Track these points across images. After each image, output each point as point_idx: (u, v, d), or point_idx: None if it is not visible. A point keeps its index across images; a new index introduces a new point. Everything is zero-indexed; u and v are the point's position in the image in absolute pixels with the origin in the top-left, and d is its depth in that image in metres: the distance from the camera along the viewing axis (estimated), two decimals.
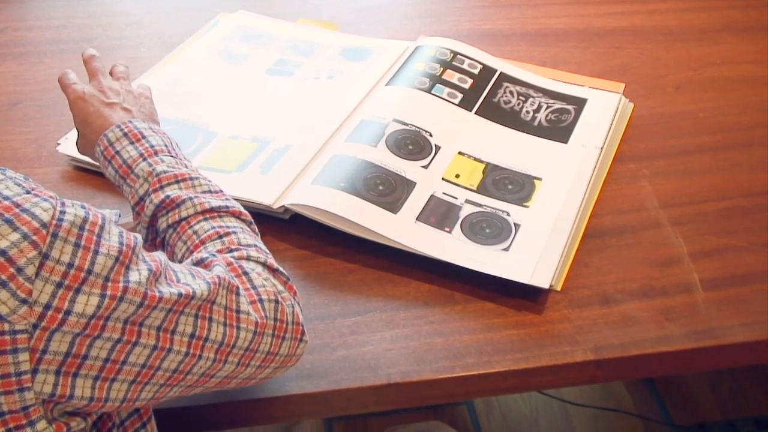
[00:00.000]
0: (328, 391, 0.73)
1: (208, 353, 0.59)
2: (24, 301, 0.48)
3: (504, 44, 1.21)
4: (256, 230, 0.73)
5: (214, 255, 0.64)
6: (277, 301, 0.63)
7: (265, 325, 0.62)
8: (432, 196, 0.89)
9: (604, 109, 1.03)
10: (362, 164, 0.90)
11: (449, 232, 0.85)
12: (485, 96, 1.03)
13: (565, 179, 0.92)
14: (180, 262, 0.68)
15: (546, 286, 0.79)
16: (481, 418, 1.46)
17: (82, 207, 0.53)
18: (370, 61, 1.10)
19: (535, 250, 0.83)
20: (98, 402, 0.54)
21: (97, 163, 0.78)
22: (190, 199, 0.69)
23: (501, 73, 1.07)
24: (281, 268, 0.68)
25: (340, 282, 0.83)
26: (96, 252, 0.51)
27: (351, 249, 0.86)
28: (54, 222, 0.50)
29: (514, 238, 0.85)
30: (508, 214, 0.87)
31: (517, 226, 0.86)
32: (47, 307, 0.49)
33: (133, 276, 0.53)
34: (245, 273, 0.64)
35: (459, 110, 1.00)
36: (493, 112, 1.01)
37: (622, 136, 1.02)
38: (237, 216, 0.71)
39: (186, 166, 0.73)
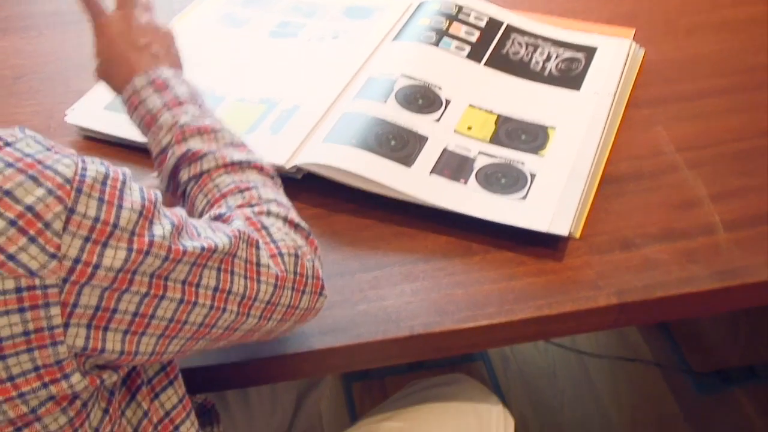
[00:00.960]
0: (351, 345, 0.73)
1: (231, 306, 0.58)
2: (53, 256, 0.48)
3: None
4: (279, 183, 0.72)
5: (232, 210, 0.64)
6: (297, 255, 0.63)
7: (285, 278, 0.62)
8: (445, 149, 0.88)
9: (615, 56, 1.01)
10: (373, 120, 0.88)
11: (464, 183, 0.84)
12: (493, 48, 1.02)
13: (579, 127, 0.91)
14: (200, 214, 0.68)
15: (565, 233, 0.78)
16: (498, 374, 1.46)
17: (102, 164, 0.52)
18: (374, 18, 1.08)
19: (553, 198, 0.82)
20: (128, 355, 0.54)
21: (115, 96, 0.77)
22: (212, 153, 0.69)
23: (508, 24, 1.06)
24: (302, 223, 0.67)
25: (356, 238, 0.83)
26: (120, 206, 0.51)
27: (366, 205, 0.85)
28: (77, 178, 0.49)
29: (530, 187, 0.84)
30: (523, 164, 0.86)
31: (532, 175, 0.85)
32: (76, 261, 0.49)
33: (157, 230, 0.52)
34: (265, 227, 0.63)
35: (468, 63, 0.99)
36: (503, 63, 1.00)
37: (635, 82, 1.01)
38: (259, 170, 0.70)
39: (210, 117, 0.72)
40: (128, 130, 0.92)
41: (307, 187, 0.87)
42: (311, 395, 0.96)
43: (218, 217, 0.64)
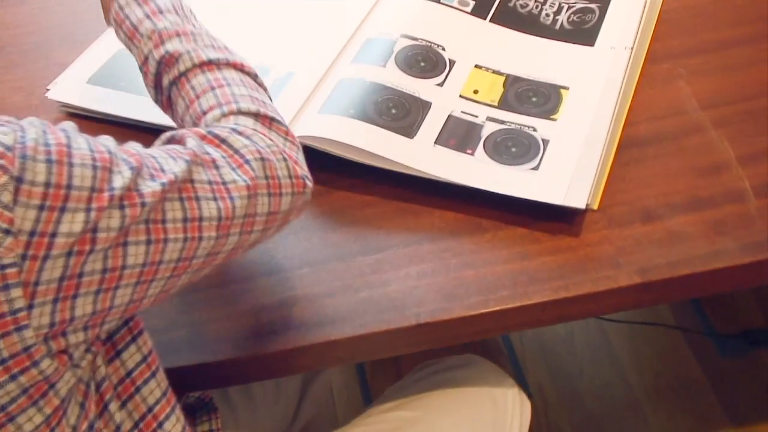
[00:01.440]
0: (353, 337, 0.68)
1: (208, 233, 0.55)
2: (7, 232, 0.44)
3: None
4: (262, 83, 0.68)
5: (191, 124, 0.60)
6: (263, 159, 0.58)
7: (257, 185, 0.58)
8: (450, 116, 0.81)
9: (631, 4, 0.94)
10: (372, 87, 0.82)
11: (471, 154, 0.78)
12: (499, 1, 0.94)
13: (595, 86, 0.84)
14: (181, 119, 0.65)
15: (582, 206, 0.72)
16: (514, 342, 1.42)
17: (42, 123, 0.49)
18: None
19: (567, 167, 0.76)
20: (102, 313, 0.50)
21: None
22: (188, 52, 0.65)
23: None
24: (279, 116, 0.63)
25: (357, 217, 0.77)
26: (71, 164, 0.47)
27: (367, 180, 0.79)
28: (18, 145, 0.45)
29: (543, 155, 0.78)
30: (535, 130, 0.80)
31: (545, 141, 0.79)
32: (32, 234, 0.45)
33: (117, 181, 0.49)
34: (223, 140, 0.59)
35: (472, 19, 0.92)
36: (510, 18, 0.93)
37: (653, 33, 0.93)
38: (237, 68, 0.66)
39: (191, 24, 0.68)
40: (112, 105, 0.87)
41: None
42: (317, 381, 0.92)
43: (170, 140, 0.59)
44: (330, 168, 0.80)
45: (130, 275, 0.51)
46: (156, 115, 0.83)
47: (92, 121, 0.88)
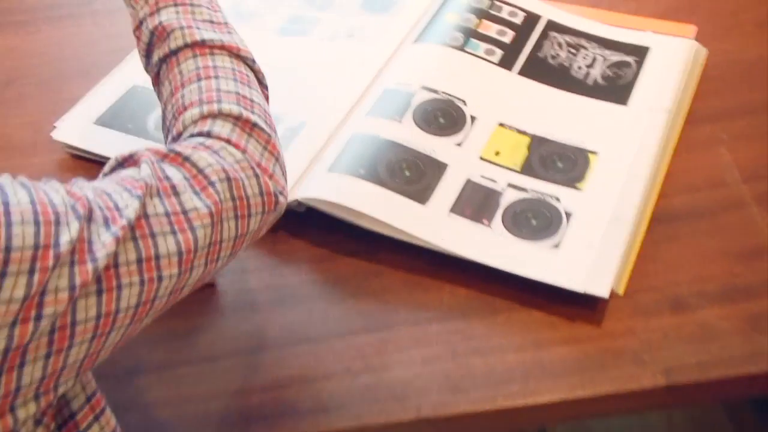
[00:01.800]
0: (347, 429, 0.63)
1: (168, 270, 0.50)
2: None
3: None
4: (258, 70, 0.64)
5: (141, 151, 0.54)
6: (229, 179, 0.54)
7: (222, 209, 0.53)
8: (468, 180, 0.76)
9: (672, 60, 0.87)
10: (385, 144, 0.77)
11: (488, 225, 0.72)
12: (530, 51, 0.88)
13: (627, 152, 0.78)
14: (164, 105, 0.61)
15: (605, 295, 0.66)
16: None
17: None
18: (395, 12, 0.96)
19: (592, 246, 0.70)
20: (53, 376, 0.46)
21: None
22: (182, 28, 0.61)
23: (548, 20, 0.92)
24: (262, 122, 0.58)
25: (362, 288, 0.72)
26: (8, 224, 0.42)
27: (375, 245, 0.74)
28: None
29: (565, 230, 0.72)
30: (558, 200, 0.74)
31: (568, 214, 0.73)
32: None
33: (64, 236, 0.44)
34: (187, 158, 0.54)
35: (498, 70, 0.86)
36: (539, 70, 0.87)
37: (695, 92, 0.87)
38: (232, 54, 0.62)
39: None
40: (117, 150, 0.83)
41: (310, 222, 0.76)
42: None
43: (126, 160, 0.54)
44: (336, 230, 0.75)
45: (84, 331, 0.46)
46: None
47: (97, 164, 0.84)
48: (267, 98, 0.65)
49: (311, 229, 0.76)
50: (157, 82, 0.64)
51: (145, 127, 0.85)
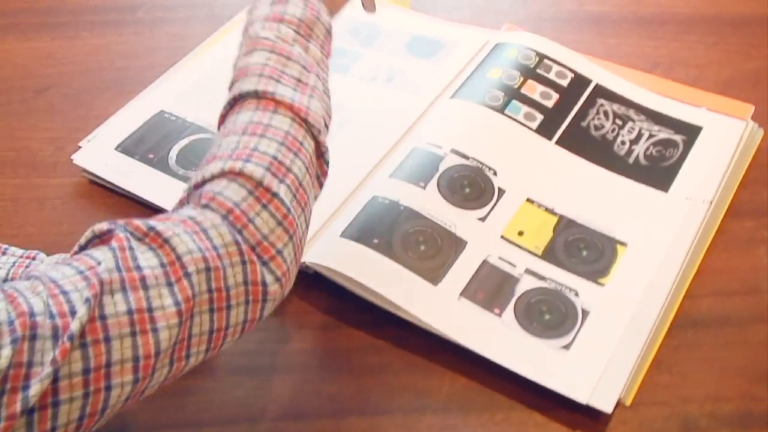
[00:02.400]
0: None
1: (120, 378, 0.46)
2: None
3: (610, 34, 0.99)
4: (323, 144, 0.59)
5: (120, 227, 0.50)
6: (209, 269, 0.49)
7: (194, 304, 0.49)
8: (485, 261, 0.73)
9: (723, 145, 0.82)
10: (405, 213, 0.74)
11: (499, 315, 0.69)
12: (572, 118, 0.84)
13: (658, 247, 0.74)
14: (211, 155, 0.55)
15: (608, 410, 0.63)
16: None
17: None
18: (439, 58, 0.92)
19: (603, 354, 0.66)
20: None
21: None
22: (261, 75, 0.58)
23: (597, 85, 0.87)
24: (285, 194, 0.53)
25: (361, 364, 0.70)
26: None
27: (381, 318, 0.71)
28: None
29: (579, 330, 0.68)
30: (577, 294, 0.71)
31: (585, 313, 0.69)
32: None
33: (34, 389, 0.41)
34: (166, 241, 0.49)
35: (536, 138, 0.82)
36: (579, 141, 0.82)
37: (742, 179, 0.82)
38: (300, 117, 0.57)
39: (305, 50, 0.61)
40: (134, 181, 0.82)
41: (319, 283, 0.74)
42: None
43: (102, 235, 0.50)
44: (345, 296, 0.72)
45: None
46: (172, 203, 0.78)
47: (112, 193, 0.83)
48: (325, 174, 0.61)
49: (319, 291, 0.74)
50: (219, 125, 0.60)
51: (166, 159, 0.83)
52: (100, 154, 0.85)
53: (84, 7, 1.08)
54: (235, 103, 0.58)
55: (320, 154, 0.60)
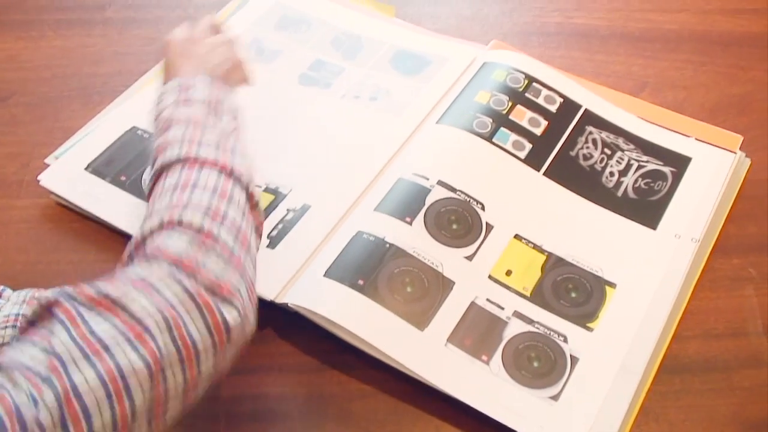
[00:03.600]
0: None
1: None
2: None
3: (597, 50, 0.97)
4: (254, 196, 0.60)
5: (65, 297, 0.49)
6: (168, 326, 0.48)
7: (161, 363, 0.48)
8: (473, 303, 0.71)
9: (712, 178, 0.81)
10: (391, 251, 0.72)
11: (487, 362, 0.68)
12: (561, 147, 0.82)
13: (647, 289, 0.73)
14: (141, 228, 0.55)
15: None
16: None
17: None
18: (425, 76, 0.89)
19: (593, 404, 0.65)
20: None
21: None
22: (181, 142, 0.60)
23: (586, 111, 0.85)
24: (227, 235, 0.54)
25: (346, 411, 0.68)
26: None
27: (366, 361, 0.69)
28: None
29: (568, 379, 0.67)
30: (566, 340, 0.69)
31: (574, 360, 0.68)
32: None
33: None
34: (116, 302, 0.48)
35: (524, 169, 0.80)
36: (568, 172, 0.80)
37: (729, 212, 0.81)
38: (226, 171, 0.58)
39: (215, 117, 0.64)
40: (105, 206, 0.78)
41: (300, 323, 0.71)
42: None
43: (50, 306, 0.49)
44: (327, 337, 0.70)
45: None
46: None
47: (82, 217, 0.79)
48: (261, 224, 0.61)
49: (300, 331, 0.71)
50: (149, 197, 0.60)
51: (139, 182, 0.80)
52: (68, 174, 0.80)
53: (49, 4, 1.02)
54: (160, 174, 0.59)
55: (253, 205, 0.60)
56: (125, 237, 0.77)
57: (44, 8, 1.01)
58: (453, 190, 0.77)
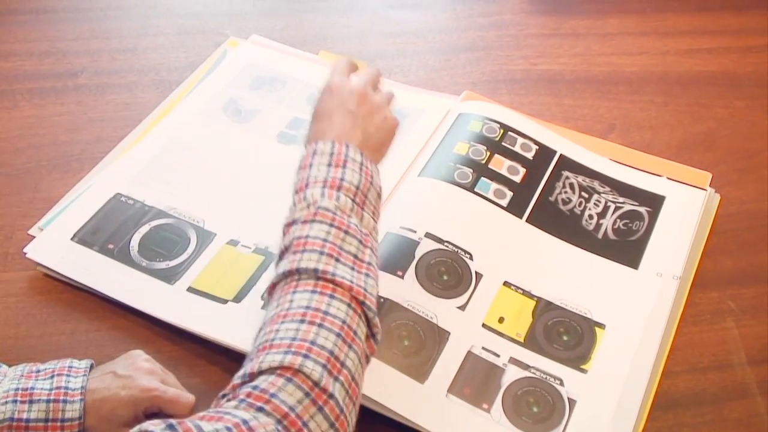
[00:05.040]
0: None
1: None
2: None
3: (565, 95, 1.01)
4: (376, 326, 0.60)
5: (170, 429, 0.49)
6: None
7: None
8: (469, 353, 0.72)
9: (686, 215, 0.84)
10: (386, 306, 0.73)
11: (488, 410, 0.69)
12: (540, 193, 0.85)
13: (635, 328, 0.75)
14: (261, 325, 0.57)
15: None
16: None
17: None
18: (402, 130, 0.90)
19: None
20: None
21: None
22: (321, 252, 0.59)
23: (561, 156, 0.88)
24: (340, 394, 0.54)
25: None
26: None
27: (370, 415, 0.70)
28: None
29: (568, 422, 0.69)
30: (562, 384, 0.71)
31: (572, 402, 0.70)
32: None
33: None
34: None
35: (507, 217, 0.82)
36: (549, 218, 0.83)
37: (704, 247, 0.84)
38: (357, 300, 0.58)
39: (360, 219, 0.63)
40: (94, 276, 0.78)
41: None
42: None
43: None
44: None
45: None
46: (141, 299, 0.76)
47: (71, 288, 0.79)
48: (373, 351, 0.61)
49: None
50: (272, 292, 0.60)
51: (128, 249, 0.80)
52: (55, 245, 0.80)
53: (20, 73, 1.02)
54: (290, 275, 0.59)
55: (371, 334, 0.61)
56: (117, 305, 0.77)
57: (15, 78, 1.01)
58: (441, 241, 0.78)
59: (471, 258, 0.78)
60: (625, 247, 0.81)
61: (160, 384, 0.66)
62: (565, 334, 0.74)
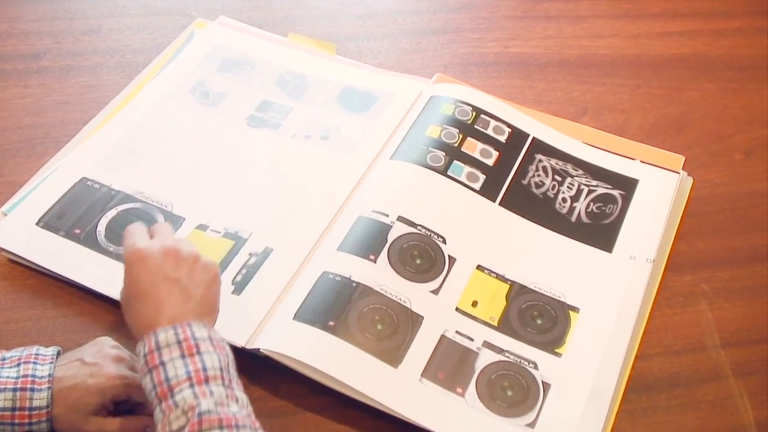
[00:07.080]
0: None
1: None
2: None
3: (537, 78, 1.00)
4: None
5: None
6: None
7: None
8: (443, 337, 0.71)
9: (659, 198, 0.84)
10: (358, 290, 0.72)
11: (462, 394, 0.68)
12: (513, 176, 0.84)
13: (609, 312, 0.75)
14: None
15: None
16: None
17: None
18: (373, 113, 0.90)
19: (568, 429, 0.67)
20: None
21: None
22: None
23: (534, 139, 0.87)
24: None
25: None
26: None
27: (341, 401, 0.69)
28: None
29: (542, 405, 0.68)
30: (536, 367, 0.71)
31: (546, 386, 0.69)
32: None
33: None
34: None
35: (480, 201, 0.81)
36: (522, 201, 0.82)
37: (678, 230, 0.84)
38: None
39: (236, 402, 0.58)
40: (60, 261, 0.76)
41: (273, 367, 0.70)
42: None
43: None
44: (298, 379, 0.70)
45: None
46: (108, 285, 0.74)
47: (36, 273, 0.77)
48: None
49: (273, 375, 0.71)
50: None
51: (94, 234, 0.78)
52: (20, 230, 0.78)
53: None
54: None
55: None
56: (84, 291, 0.75)
57: None
58: (413, 225, 0.77)
59: (444, 242, 0.77)
60: (599, 230, 0.81)
61: (129, 371, 0.65)
62: (539, 317, 0.74)
